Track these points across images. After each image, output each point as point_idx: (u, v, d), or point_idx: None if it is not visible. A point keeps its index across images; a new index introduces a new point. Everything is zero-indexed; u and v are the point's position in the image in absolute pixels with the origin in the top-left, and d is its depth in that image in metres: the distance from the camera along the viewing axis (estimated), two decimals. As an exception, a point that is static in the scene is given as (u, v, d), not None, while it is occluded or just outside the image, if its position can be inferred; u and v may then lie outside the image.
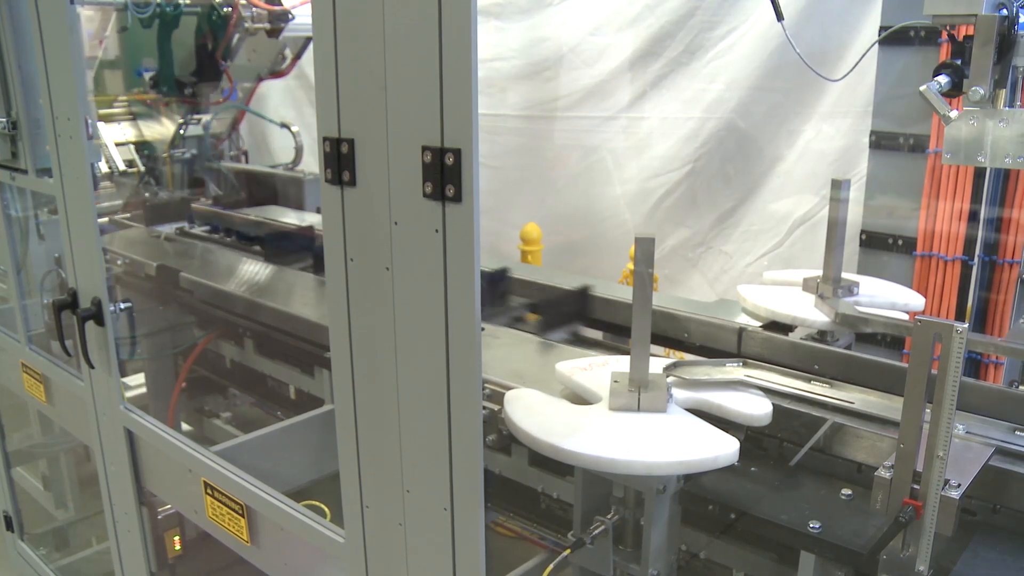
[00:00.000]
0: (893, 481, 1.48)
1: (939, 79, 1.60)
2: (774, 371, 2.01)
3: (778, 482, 1.85)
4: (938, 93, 1.60)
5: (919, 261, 3.04)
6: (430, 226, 1.37)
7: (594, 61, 4.62)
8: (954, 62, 1.59)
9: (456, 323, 1.37)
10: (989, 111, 1.60)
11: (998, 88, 1.59)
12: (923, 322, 1.40)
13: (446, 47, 1.27)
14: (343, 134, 1.46)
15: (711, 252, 4.44)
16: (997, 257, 2.93)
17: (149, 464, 2.45)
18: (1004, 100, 1.59)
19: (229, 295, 3.04)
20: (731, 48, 4.22)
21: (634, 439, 1.69)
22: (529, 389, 1.92)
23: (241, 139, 4.69)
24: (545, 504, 2.36)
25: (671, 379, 1.89)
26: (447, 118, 1.31)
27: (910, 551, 1.49)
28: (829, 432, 1.90)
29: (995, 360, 2.94)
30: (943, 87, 1.61)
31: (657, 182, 4.47)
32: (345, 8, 1.40)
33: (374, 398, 1.56)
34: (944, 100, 1.61)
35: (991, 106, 1.59)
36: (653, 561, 1.81)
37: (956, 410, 1.62)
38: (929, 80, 1.64)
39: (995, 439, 1.69)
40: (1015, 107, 1.59)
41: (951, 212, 2.92)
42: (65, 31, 2.13)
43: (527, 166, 4.98)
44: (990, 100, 1.58)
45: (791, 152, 4.17)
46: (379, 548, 1.67)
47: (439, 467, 1.47)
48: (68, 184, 2.30)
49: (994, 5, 1.54)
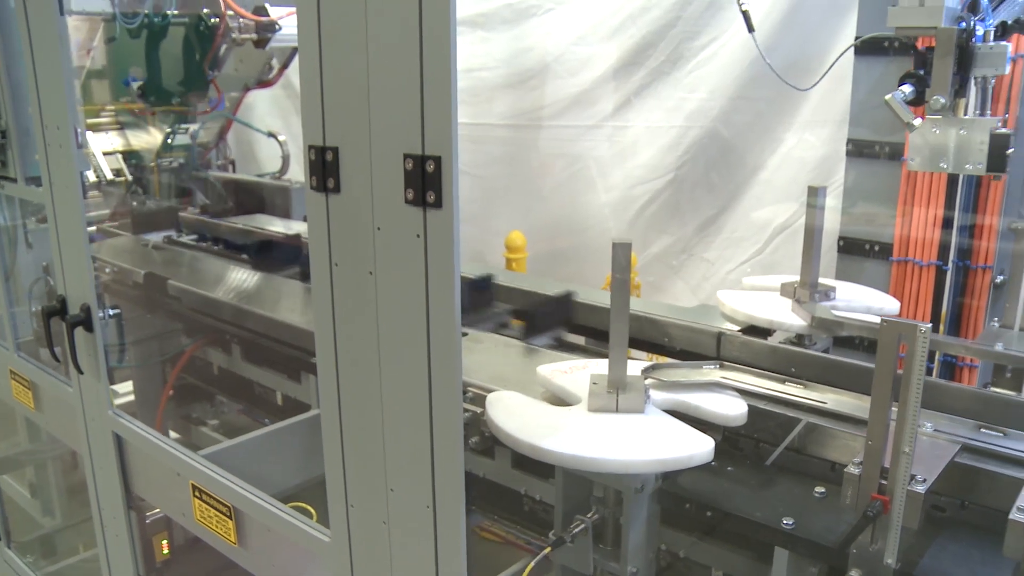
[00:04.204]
0: (862, 477, 1.54)
1: (903, 89, 1.67)
2: (750, 373, 2.06)
3: (754, 481, 1.90)
4: (902, 102, 1.66)
5: (895, 267, 3.10)
6: (412, 231, 1.41)
7: (578, 71, 4.69)
8: (918, 72, 1.65)
9: (437, 325, 1.41)
10: (950, 119, 1.66)
11: (958, 97, 1.65)
12: (888, 322, 1.45)
13: (426, 59, 1.32)
14: (328, 142, 1.50)
15: (693, 259, 4.50)
16: (971, 262, 2.99)
17: (137, 469, 2.47)
18: (964, 109, 1.65)
19: (217, 302, 3.07)
20: (712, 58, 4.29)
21: (612, 439, 1.73)
22: (510, 392, 1.96)
23: (228, 148, 4.72)
24: (528, 506, 2.39)
25: (649, 381, 1.93)
26: (428, 127, 1.35)
27: (879, 545, 1.54)
28: (804, 432, 1.95)
29: (970, 363, 3.00)
30: (907, 96, 1.67)
31: (640, 190, 4.53)
32: (330, 21, 1.44)
33: (358, 399, 1.60)
34: (908, 109, 1.67)
35: (952, 114, 1.65)
36: (632, 559, 1.85)
37: (926, 409, 1.68)
38: (898, 91, 1.70)
39: (961, 436, 1.74)
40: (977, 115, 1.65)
41: (926, 219, 2.98)
42: (55, 41, 2.16)
43: (512, 175, 5.03)
44: (951, 109, 1.64)
45: (772, 160, 4.24)
46: (364, 546, 1.70)
47: (421, 466, 1.51)
48: (58, 192, 2.33)
49: (953, 18, 1.60)
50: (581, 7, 4.63)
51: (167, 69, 3.84)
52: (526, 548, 2.55)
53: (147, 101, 3.97)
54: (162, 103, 4.00)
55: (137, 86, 3.89)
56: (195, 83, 3.92)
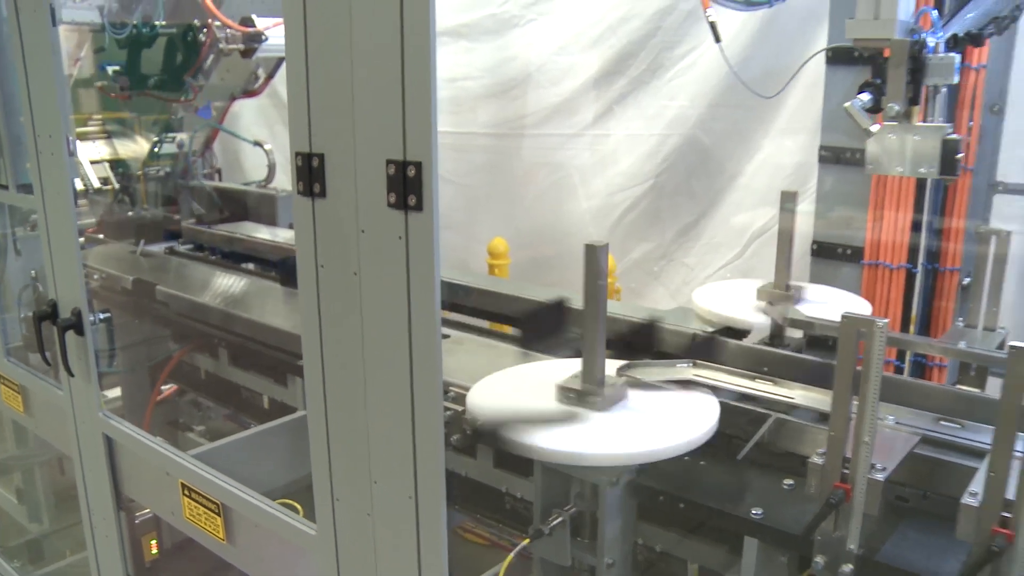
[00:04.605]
0: (825, 466, 1.61)
1: (861, 97, 1.76)
2: (722, 371, 2.13)
3: (725, 474, 1.97)
4: (861, 109, 1.75)
5: (867, 270, 3.18)
6: (394, 233, 1.48)
7: (560, 80, 4.76)
8: (875, 81, 1.74)
9: (418, 322, 1.48)
10: (906, 125, 1.76)
11: (912, 105, 1.74)
12: (847, 318, 1.53)
13: (408, 69, 1.39)
14: (314, 149, 1.57)
15: (673, 264, 4.58)
16: (939, 265, 3.08)
17: (127, 469, 2.53)
18: (918, 116, 1.74)
19: (205, 307, 3.13)
20: (691, 67, 4.37)
21: (597, 433, 1.82)
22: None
23: (215, 157, 4.78)
24: (509, 504, 2.46)
25: (623, 379, 2.01)
26: (409, 134, 1.42)
27: (842, 531, 1.61)
28: (774, 427, 2.02)
29: (939, 363, 3.08)
30: (865, 104, 1.76)
31: (621, 197, 4.61)
32: (316, 32, 1.52)
33: (343, 394, 1.67)
34: (867, 115, 1.75)
35: (907, 121, 1.74)
36: (608, 550, 1.92)
37: (890, 404, 1.77)
38: (856, 99, 1.79)
39: (921, 428, 1.82)
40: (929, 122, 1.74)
41: (895, 223, 3.07)
42: (48, 51, 2.23)
43: (495, 183, 5.10)
44: (905, 115, 1.73)
45: (750, 166, 4.32)
46: (349, 538, 1.77)
47: (404, 458, 1.58)
48: (49, 199, 2.39)
49: (906, 30, 1.70)
50: (563, 18, 4.71)
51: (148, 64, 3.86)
52: (509, 549, 2.61)
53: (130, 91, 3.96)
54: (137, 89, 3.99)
55: (112, 70, 3.89)
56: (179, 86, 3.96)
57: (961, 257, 3.01)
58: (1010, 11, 1.88)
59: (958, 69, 1.75)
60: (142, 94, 3.89)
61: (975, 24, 1.84)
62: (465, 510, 2.61)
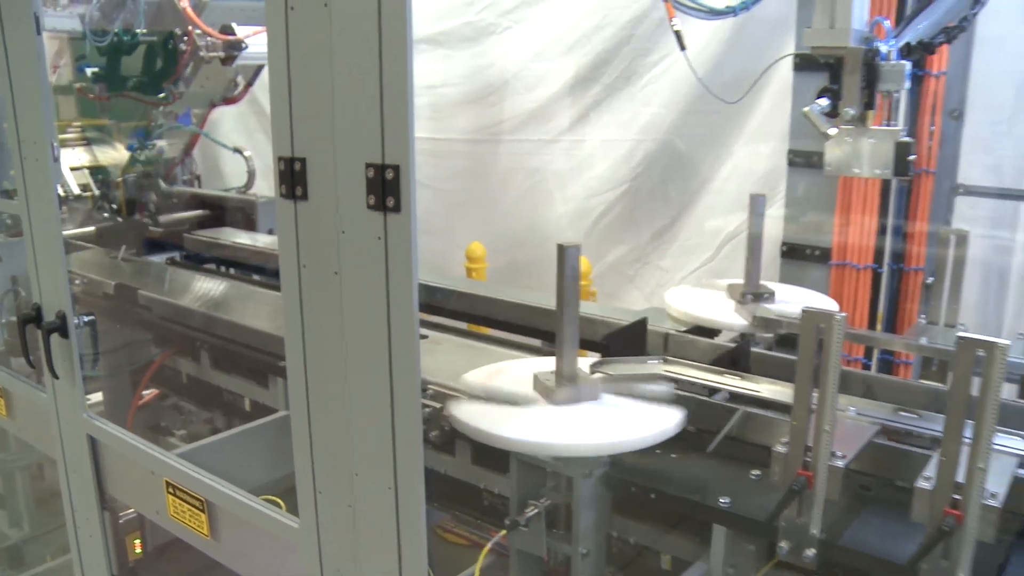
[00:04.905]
0: (788, 455, 1.68)
1: (820, 101, 1.86)
2: (691, 366, 2.21)
3: (695, 466, 2.04)
4: (820, 114, 1.84)
5: (834, 270, 3.27)
6: (373, 234, 1.55)
7: (536, 87, 4.85)
8: (832, 87, 1.83)
9: (397, 318, 1.55)
10: (861, 129, 1.86)
11: (867, 109, 1.83)
12: (807, 312, 1.61)
13: (386, 76, 1.46)
14: (296, 153, 1.63)
15: (648, 267, 4.66)
16: (904, 265, 3.18)
17: (111, 469, 2.57)
18: (873, 119, 1.83)
19: (186, 310, 3.17)
20: (664, 73, 4.46)
21: (571, 426, 1.90)
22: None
23: (195, 163, 4.83)
24: (488, 501, 2.52)
25: (596, 375, 2.08)
26: (387, 138, 1.49)
27: (805, 518, 1.68)
28: (741, 420, 2.10)
29: (906, 360, 3.18)
30: (824, 108, 1.86)
31: (596, 201, 4.69)
32: (297, 41, 1.58)
33: (325, 389, 1.73)
34: (825, 119, 1.84)
35: (862, 124, 1.83)
36: (583, 540, 1.98)
37: (853, 396, 1.84)
38: (815, 103, 1.87)
39: (881, 418, 1.90)
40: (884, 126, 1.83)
41: (862, 225, 3.16)
42: (33, 59, 2.27)
43: (473, 188, 5.18)
44: (861, 119, 1.82)
45: (722, 171, 4.42)
46: (331, 530, 1.83)
47: (384, 450, 1.64)
48: (34, 203, 2.43)
49: (860, 39, 1.79)
50: (539, 26, 4.79)
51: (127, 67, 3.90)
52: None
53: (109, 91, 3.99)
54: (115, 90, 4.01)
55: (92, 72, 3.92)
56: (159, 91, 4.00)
57: (925, 257, 3.11)
58: (959, 21, 1.97)
59: (909, 75, 1.84)
60: (121, 95, 3.93)
61: (927, 33, 1.93)
62: (444, 507, 2.67)
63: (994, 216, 3.45)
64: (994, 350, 1.41)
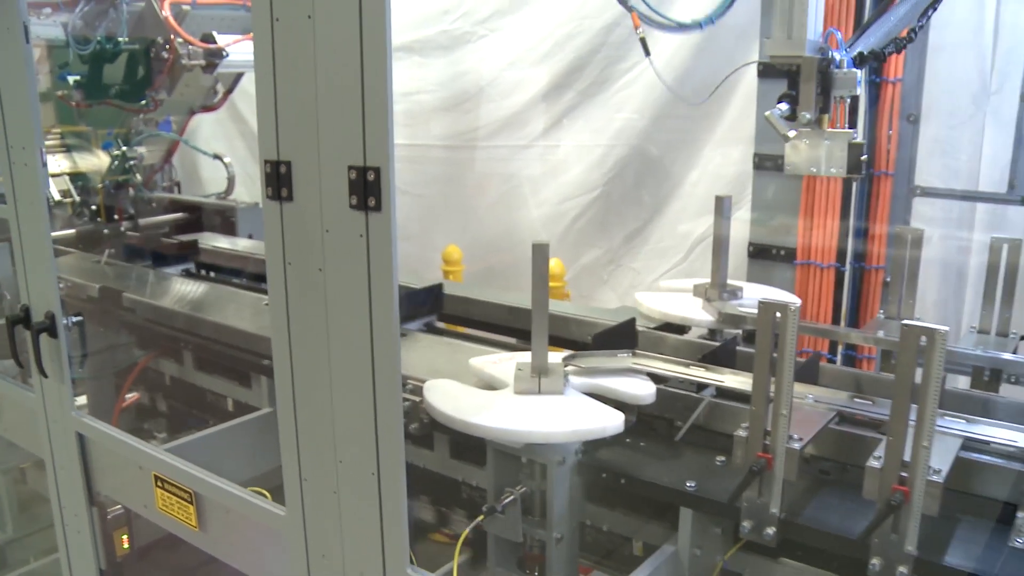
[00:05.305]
0: (748, 439, 1.79)
1: (780, 106, 2.00)
2: (658, 359, 2.31)
3: (664, 454, 2.14)
4: (780, 118, 1.98)
5: (799, 269, 3.39)
6: (355, 232, 1.64)
7: (511, 93, 4.96)
8: (791, 92, 1.97)
9: (378, 310, 1.64)
10: (817, 131, 2.00)
11: (823, 113, 1.98)
12: (763, 304, 1.71)
13: (367, 83, 1.55)
14: (282, 157, 1.73)
15: (621, 269, 4.78)
16: (866, 264, 3.30)
17: (99, 466, 2.64)
18: (828, 123, 1.95)
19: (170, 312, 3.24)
20: (636, 80, 4.58)
21: (536, 415, 1.97)
22: (445, 379, 2.19)
23: (174, 170, 4.89)
24: (466, 493, 2.61)
25: (569, 368, 2.18)
26: (368, 142, 1.59)
27: (765, 497, 1.79)
28: (707, 410, 2.20)
29: (868, 355, 3.30)
30: (784, 112, 2.00)
31: (570, 205, 4.81)
32: (283, 51, 1.67)
33: (311, 381, 1.82)
34: (785, 123, 1.97)
35: (818, 127, 1.99)
36: (557, 525, 2.07)
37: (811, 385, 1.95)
38: (775, 108, 1.99)
39: (837, 405, 2.01)
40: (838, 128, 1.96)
41: (825, 225, 3.29)
42: (22, 67, 2.35)
43: (449, 193, 5.28)
44: (817, 123, 1.98)
45: (692, 175, 4.54)
46: (317, 515, 1.91)
47: (366, 437, 1.73)
48: (23, 208, 2.50)
49: (815, 48, 1.95)
50: (513, 34, 4.90)
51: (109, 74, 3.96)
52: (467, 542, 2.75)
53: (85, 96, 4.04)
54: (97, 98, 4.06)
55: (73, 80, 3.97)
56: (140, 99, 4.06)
57: (885, 256, 3.24)
58: (908, 32, 2.13)
59: (860, 82, 1.98)
60: (103, 103, 3.99)
61: (877, 43, 2.08)
62: (424, 501, 2.76)
63: (952, 216, 3.60)
64: (935, 336, 1.52)
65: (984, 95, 3.49)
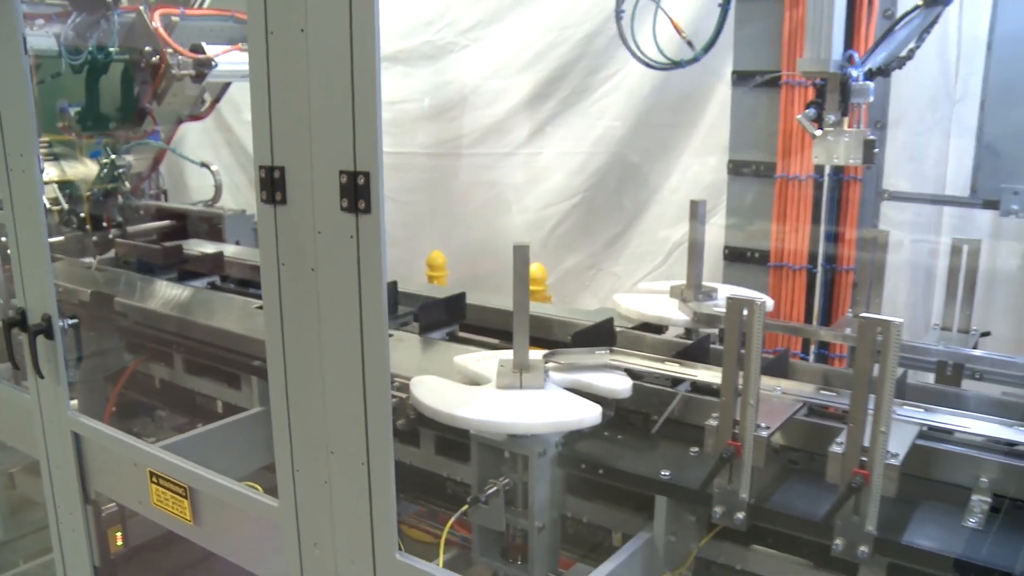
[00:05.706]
0: (718, 428, 1.89)
1: (808, 112, 2.43)
2: (634, 355, 2.41)
3: (640, 446, 2.24)
4: (808, 120, 2.42)
5: (773, 271, 3.50)
6: (346, 233, 1.74)
7: (494, 102, 5.06)
8: (818, 100, 2.42)
9: (368, 308, 1.74)
10: (840, 130, 2.41)
11: (843, 116, 2.41)
12: (731, 300, 1.81)
13: (357, 93, 1.65)
14: (276, 162, 1.82)
15: (602, 273, 4.88)
16: (836, 265, 3.42)
17: (95, 464, 2.71)
18: (846, 123, 2.41)
19: (160, 315, 3.31)
20: (616, 88, 4.70)
21: (517, 408, 2.07)
22: (430, 376, 2.28)
23: (162, 178, 4.96)
24: (451, 489, 2.70)
25: (549, 364, 2.27)
26: (358, 148, 1.68)
27: (735, 484, 1.88)
28: (682, 404, 2.30)
29: (840, 353, 3.41)
30: (812, 116, 2.43)
31: (552, 211, 4.91)
32: (277, 62, 1.77)
33: (303, 375, 1.90)
34: (813, 124, 2.43)
35: (840, 127, 2.41)
36: (539, 515, 2.16)
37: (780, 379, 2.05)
38: (805, 112, 2.45)
39: (803, 396, 2.12)
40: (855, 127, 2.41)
41: (797, 229, 3.40)
42: (20, 77, 2.43)
43: (434, 200, 5.37)
44: (839, 124, 2.41)
45: (671, 181, 4.65)
46: (309, 506, 2.00)
47: (357, 429, 1.82)
48: (20, 213, 2.58)
49: (838, 65, 2.37)
50: (496, 44, 5.01)
51: (106, 101, 4.06)
52: (454, 541, 2.84)
53: (85, 128, 4.15)
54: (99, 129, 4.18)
55: (75, 112, 4.07)
56: (132, 113, 4.15)
57: (855, 258, 3.35)
58: (907, 52, 2.58)
59: (872, 91, 2.42)
60: (104, 134, 4.08)
61: (884, 62, 2.51)
62: (410, 497, 2.84)
63: (920, 220, 3.72)
64: (890, 328, 1.63)
65: (949, 102, 3.62)
